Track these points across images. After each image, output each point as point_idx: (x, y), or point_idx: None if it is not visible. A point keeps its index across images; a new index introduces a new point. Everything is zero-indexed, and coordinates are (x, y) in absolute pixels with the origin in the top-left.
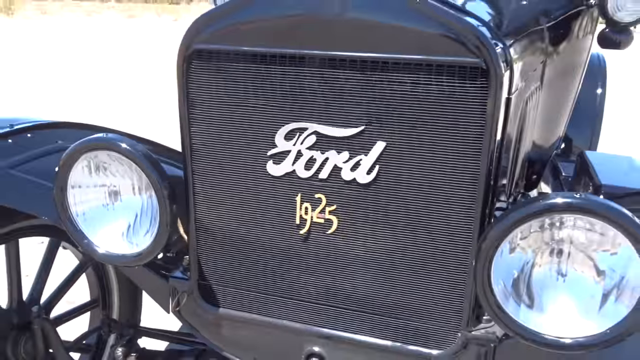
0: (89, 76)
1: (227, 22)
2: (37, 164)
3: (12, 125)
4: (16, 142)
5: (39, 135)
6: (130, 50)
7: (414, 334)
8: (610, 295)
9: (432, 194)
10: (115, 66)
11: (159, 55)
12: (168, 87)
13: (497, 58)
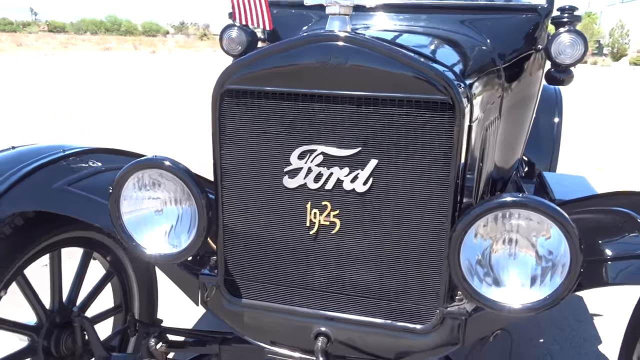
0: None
1: (252, 69)
2: (86, 182)
3: (64, 150)
4: (68, 164)
5: (84, 159)
6: (121, 82)
7: (402, 312)
8: (548, 270)
9: (413, 200)
10: (117, 98)
11: (153, 87)
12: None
13: (460, 95)
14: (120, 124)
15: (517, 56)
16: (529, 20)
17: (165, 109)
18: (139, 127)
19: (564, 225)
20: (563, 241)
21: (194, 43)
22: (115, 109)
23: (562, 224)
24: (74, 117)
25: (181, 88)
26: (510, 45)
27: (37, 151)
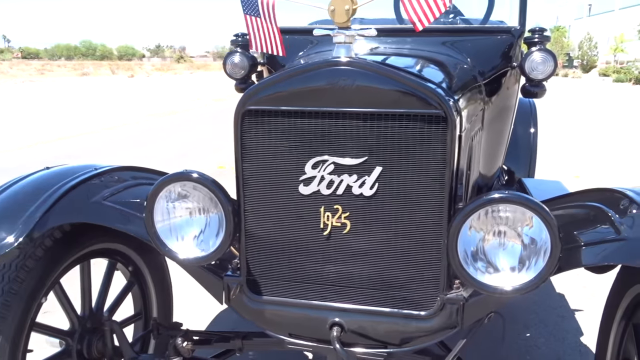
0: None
1: (270, 91)
2: (118, 196)
3: (96, 169)
4: (101, 180)
5: (113, 176)
6: (103, 106)
7: (407, 301)
8: (533, 255)
9: (414, 201)
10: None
11: (137, 111)
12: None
13: (451, 109)
14: (105, 149)
15: (495, 73)
16: (504, 41)
17: (154, 132)
18: (123, 151)
19: (543, 216)
20: (544, 229)
21: (171, 66)
22: (100, 134)
23: (542, 214)
24: (62, 142)
25: (165, 111)
26: (488, 63)
27: (73, 170)
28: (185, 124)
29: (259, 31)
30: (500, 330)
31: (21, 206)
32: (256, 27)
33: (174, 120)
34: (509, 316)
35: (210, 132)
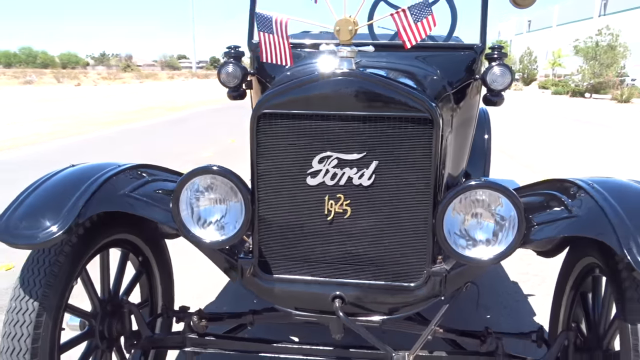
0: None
1: (283, 97)
2: (142, 189)
3: (119, 166)
4: (126, 176)
5: (134, 172)
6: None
7: (398, 275)
8: (503, 231)
9: (405, 190)
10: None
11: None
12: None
13: (436, 113)
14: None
15: (461, 84)
16: (468, 56)
17: (106, 142)
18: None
19: (511, 197)
20: (512, 209)
21: (118, 75)
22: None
23: (510, 196)
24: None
25: (117, 119)
26: (455, 75)
27: (99, 167)
28: (139, 134)
29: (270, 45)
30: (476, 297)
31: (63, 198)
32: (268, 42)
33: (127, 129)
34: (471, 299)
35: (169, 141)
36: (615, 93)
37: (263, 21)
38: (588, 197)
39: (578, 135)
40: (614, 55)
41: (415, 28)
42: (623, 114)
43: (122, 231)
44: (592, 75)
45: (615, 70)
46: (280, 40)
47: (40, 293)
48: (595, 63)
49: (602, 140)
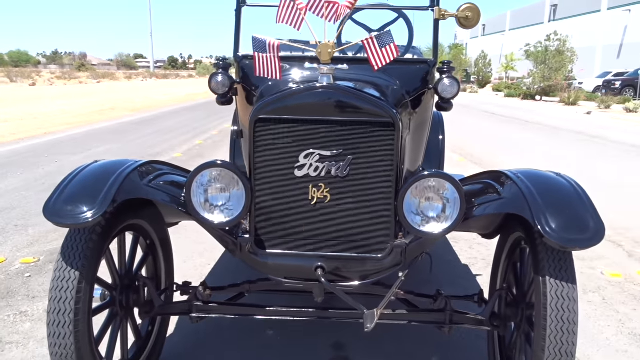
0: None
1: (276, 105)
2: (156, 181)
3: (137, 162)
4: (142, 170)
5: (148, 167)
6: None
7: (368, 248)
8: (449, 210)
9: (374, 179)
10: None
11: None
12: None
13: (397, 118)
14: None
15: (417, 93)
16: (423, 69)
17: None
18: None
19: (454, 183)
20: (455, 192)
21: (74, 74)
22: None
23: (453, 182)
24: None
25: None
26: (412, 85)
27: (120, 162)
28: (106, 134)
29: (263, 63)
30: (429, 264)
31: (96, 188)
32: (261, 60)
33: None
34: (426, 270)
35: (138, 142)
36: (563, 96)
37: (258, 43)
38: (513, 184)
39: (522, 134)
40: (561, 60)
41: (381, 53)
42: (566, 115)
43: (136, 217)
44: (542, 79)
45: (563, 74)
46: (273, 60)
47: (79, 265)
48: (544, 67)
49: (542, 140)
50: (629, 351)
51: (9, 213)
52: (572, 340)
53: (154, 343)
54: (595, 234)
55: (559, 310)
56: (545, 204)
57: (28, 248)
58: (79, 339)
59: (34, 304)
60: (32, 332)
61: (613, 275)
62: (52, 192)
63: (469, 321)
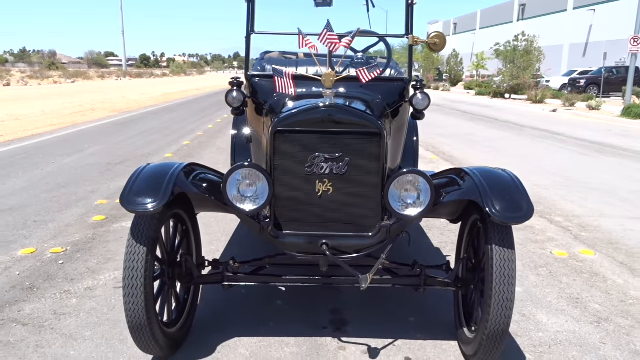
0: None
1: (291, 120)
2: (198, 178)
3: (181, 164)
4: (187, 170)
5: (190, 168)
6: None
7: (362, 228)
8: (422, 197)
9: (366, 176)
10: None
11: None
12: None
13: (382, 129)
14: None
15: (396, 105)
16: (400, 86)
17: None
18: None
19: (426, 177)
20: (426, 184)
21: (45, 73)
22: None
23: (425, 177)
24: None
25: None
26: (392, 99)
27: (170, 164)
28: (95, 135)
29: (281, 84)
30: (407, 240)
31: (157, 183)
32: (280, 82)
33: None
34: (405, 254)
35: (127, 143)
36: (531, 94)
37: (278, 71)
38: (470, 178)
39: (490, 132)
40: (529, 59)
41: (368, 74)
42: (533, 113)
43: (177, 208)
44: (511, 78)
45: (531, 73)
46: (287, 81)
47: (146, 242)
48: (513, 66)
49: (508, 136)
50: (566, 310)
51: (25, 210)
52: (511, 289)
53: (189, 309)
54: (527, 213)
55: (501, 268)
56: (492, 193)
57: (53, 240)
58: (146, 297)
59: (74, 285)
60: (79, 306)
61: (560, 254)
62: (124, 187)
63: (439, 283)
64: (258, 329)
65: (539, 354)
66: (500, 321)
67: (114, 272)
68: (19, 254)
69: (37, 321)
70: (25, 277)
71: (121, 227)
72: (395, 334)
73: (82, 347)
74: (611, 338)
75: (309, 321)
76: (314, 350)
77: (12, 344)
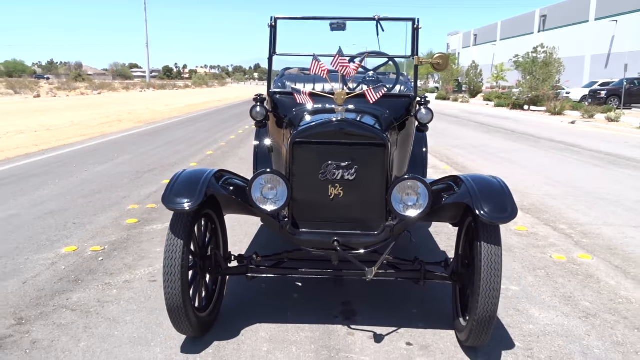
0: None
1: (307, 132)
2: (226, 183)
3: (212, 170)
4: (217, 175)
5: (220, 173)
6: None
7: (369, 227)
8: (421, 200)
9: (372, 182)
10: None
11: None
12: None
13: (387, 141)
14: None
15: (402, 119)
16: (406, 102)
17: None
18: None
19: (424, 183)
20: (425, 189)
21: (72, 85)
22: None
23: (424, 182)
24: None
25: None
26: (398, 113)
27: (202, 170)
28: (123, 145)
29: (301, 98)
30: (409, 239)
31: (193, 185)
32: (299, 97)
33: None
34: (407, 251)
35: (154, 152)
36: (550, 105)
37: (297, 90)
38: (464, 184)
39: (505, 143)
40: (548, 71)
41: (374, 94)
42: (551, 124)
43: (208, 208)
44: (530, 89)
45: (550, 85)
46: (305, 97)
47: (183, 236)
48: (532, 78)
49: (522, 148)
50: (558, 306)
51: (64, 214)
52: (497, 280)
53: (217, 297)
54: (511, 214)
55: (489, 262)
56: (482, 197)
57: (92, 240)
58: (183, 283)
59: (114, 278)
60: (119, 296)
61: (559, 258)
62: (165, 189)
63: (437, 277)
64: (277, 317)
65: (528, 343)
66: (488, 308)
67: (148, 268)
68: (63, 251)
69: (84, 307)
70: (70, 271)
71: (152, 230)
72: (398, 323)
73: (124, 329)
74: (596, 331)
75: (322, 311)
76: (326, 335)
77: (64, 325)
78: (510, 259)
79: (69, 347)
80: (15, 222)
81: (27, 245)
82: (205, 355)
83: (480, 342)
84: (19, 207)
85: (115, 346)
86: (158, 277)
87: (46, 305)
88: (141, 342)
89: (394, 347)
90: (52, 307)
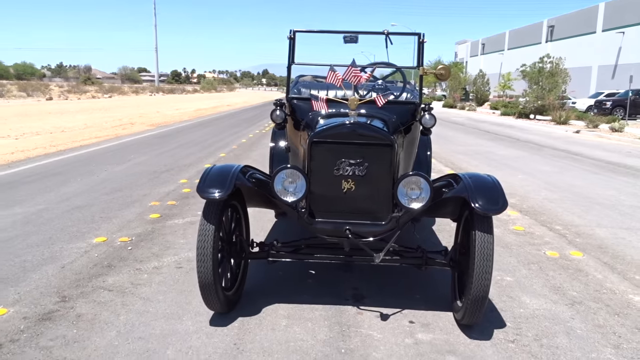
0: None
1: (324, 133)
2: (250, 176)
3: (238, 165)
4: (243, 169)
5: (245, 168)
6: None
7: (377, 218)
8: (424, 194)
9: (381, 177)
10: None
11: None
12: None
13: (394, 142)
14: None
15: (408, 123)
16: (412, 108)
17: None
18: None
19: (426, 179)
20: (427, 184)
21: (82, 88)
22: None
23: (426, 178)
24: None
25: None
26: (404, 118)
27: (229, 165)
28: (137, 147)
29: (317, 105)
30: (413, 229)
31: (222, 178)
32: (316, 104)
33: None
34: (411, 240)
35: (168, 154)
36: (555, 115)
37: (315, 96)
38: (462, 180)
39: (509, 151)
40: (554, 81)
41: (383, 99)
42: (555, 133)
43: (234, 199)
44: (536, 99)
45: (556, 95)
46: (322, 103)
47: (214, 222)
48: (538, 88)
49: (524, 155)
50: (547, 295)
51: (90, 209)
52: (489, 264)
53: (240, 279)
54: (502, 207)
55: (482, 248)
56: (477, 192)
57: (119, 232)
58: (213, 263)
59: (143, 265)
60: (150, 279)
61: (552, 254)
62: (199, 181)
63: (437, 264)
64: (294, 298)
65: (517, 323)
66: (481, 289)
67: (174, 257)
68: (94, 241)
69: (119, 289)
70: (103, 258)
71: (174, 224)
72: (402, 305)
73: (158, 306)
74: (580, 315)
75: (334, 294)
76: (338, 313)
77: (103, 302)
78: (507, 255)
79: (110, 320)
80: (45, 216)
81: (60, 236)
82: (232, 327)
83: (474, 319)
84: (47, 202)
85: (151, 319)
86: (184, 264)
87: (85, 286)
88: (174, 317)
89: (398, 325)
90: (91, 288)
